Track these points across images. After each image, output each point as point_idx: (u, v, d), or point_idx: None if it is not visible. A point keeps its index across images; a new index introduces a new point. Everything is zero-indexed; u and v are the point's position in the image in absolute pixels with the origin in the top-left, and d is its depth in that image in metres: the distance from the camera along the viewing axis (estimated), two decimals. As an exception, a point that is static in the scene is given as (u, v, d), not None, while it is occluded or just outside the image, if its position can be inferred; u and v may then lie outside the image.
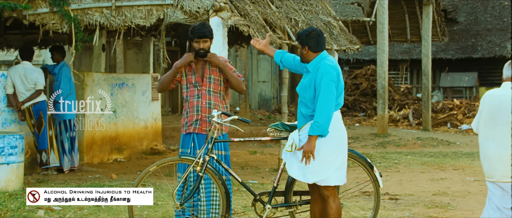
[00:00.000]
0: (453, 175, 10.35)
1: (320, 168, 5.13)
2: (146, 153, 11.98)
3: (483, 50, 25.71)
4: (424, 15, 18.75)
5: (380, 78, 16.89)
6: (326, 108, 5.06)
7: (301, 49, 5.26)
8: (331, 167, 5.14)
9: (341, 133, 5.21)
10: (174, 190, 5.54)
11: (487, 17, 26.53)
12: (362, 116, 23.00)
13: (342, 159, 5.22)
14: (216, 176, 5.46)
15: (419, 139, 15.44)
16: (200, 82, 5.95)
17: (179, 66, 5.91)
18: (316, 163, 5.11)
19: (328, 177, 5.14)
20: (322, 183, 5.15)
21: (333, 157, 5.14)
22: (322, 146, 5.11)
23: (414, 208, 7.53)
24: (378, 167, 11.23)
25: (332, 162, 5.14)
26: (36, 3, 9.54)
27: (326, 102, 5.06)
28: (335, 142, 5.15)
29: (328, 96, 5.06)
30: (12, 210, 6.64)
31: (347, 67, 27.79)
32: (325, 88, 5.06)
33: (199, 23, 5.98)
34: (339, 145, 5.18)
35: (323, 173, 5.13)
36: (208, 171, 5.44)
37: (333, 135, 5.14)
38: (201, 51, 5.90)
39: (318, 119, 5.05)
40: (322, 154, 5.11)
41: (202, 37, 5.86)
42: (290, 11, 10.79)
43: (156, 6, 9.09)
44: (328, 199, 5.19)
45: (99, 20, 9.28)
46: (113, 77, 11.64)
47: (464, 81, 25.60)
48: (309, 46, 5.21)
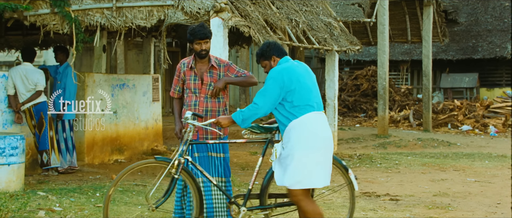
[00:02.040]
0: (454, 176, 10.35)
1: (290, 172, 5.07)
2: (147, 154, 11.98)
3: (483, 51, 25.70)
4: (425, 16, 18.76)
5: (381, 79, 16.89)
6: (257, 106, 5.12)
7: (270, 62, 5.33)
8: (303, 170, 5.05)
9: (311, 137, 5.09)
10: (147, 192, 5.47)
11: (487, 18, 26.53)
12: (363, 117, 23.00)
13: (313, 164, 5.08)
14: (190, 179, 5.40)
15: (420, 140, 15.44)
16: (200, 88, 5.93)
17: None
18: (287, 167, 5.08)
19: (300, 180, 5.04)
20: (292, 186, 5.07)
21: (303, 161, 5.05)
22: (291, 150, 5.06)
23: (415, 209, 7.53)
24: (378, 167, 11.23)
25: (303, 166, 5.04)
26: (37, 4, 9.55)
27: (260, 98, 5.13)
28: (303, 146, 5.05)
29: (265, 93, 5.11)
30: (13, 211, 6.64)
31: (348, 68, 27.79)
32: (266, 85, 5.14)
33: (197, 24, 5.93)
34: (308, 149, 5.07)
35: (293, 177, 5.05)
36: (182, 173, 5.37)
37: (301, 139, 5.06)
38: (202, 53, 5.88)
39: (246, 111, 5.17)
40: (293, 158, 5.05)
41: (203, 38, 5.83)
42: (290, 12, 10.80)
43: (156, 7, 9.09)
44: (297, 204, 5.13)
45: (100, 21, 9.29)
46: (114, 78, 11.64)
47: (465, 82, 25.59)
48: (276, 54, 5.31)
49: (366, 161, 11.98)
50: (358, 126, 20.44)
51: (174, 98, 6.16)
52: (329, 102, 12.47)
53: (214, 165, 5.83)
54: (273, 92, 5.10)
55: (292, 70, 5.17)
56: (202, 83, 5.92)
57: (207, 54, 5.92)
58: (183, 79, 5.99)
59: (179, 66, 6.05)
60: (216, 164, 5.85)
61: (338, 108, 21.20)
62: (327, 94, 12.55)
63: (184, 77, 5.98)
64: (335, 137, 12.53)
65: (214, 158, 5.82)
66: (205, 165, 5.76)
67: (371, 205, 7.71)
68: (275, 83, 5.10)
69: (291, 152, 5.07)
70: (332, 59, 12.35)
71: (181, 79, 6.00)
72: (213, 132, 5.80)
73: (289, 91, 5.09)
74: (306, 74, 5.24)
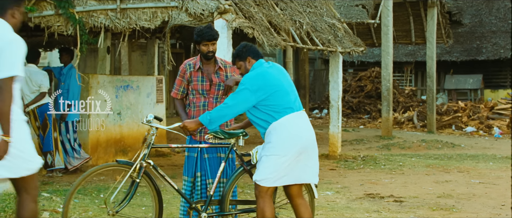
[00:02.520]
0: (458, 177, 10.33)
1: (259, 169, 5.15)
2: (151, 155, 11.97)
3: (488, 52, 25.67)
4: (429, 17, 18.74)
5: (385, 80, 16.87)
6: (227, 106, 5.14)
7: (244, 63, 5.33)
8: (271, 170, 5.09)
9: (292, 137, 5.10)
10: (107, 196, 5.34)
11: (492, 19, 26.50)
12: (367, 118, 22.99)
13: (281, 166, 5.10)
14: (151, 183, 5.35)
15: (424, 141, 15.42)
16: (208, 89, 5.93)
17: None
18: (263, 164, 5.12)
19: (265, 178, 5.10)
20: (258, 182, 5.13)
21: (272, 162, 5.07)
22: (266, 152, 5.11)
23: (419, 211, 7.52)
24: (382, 169, 11.23)
25: (272, 166, 5.08)
26: (41, 6, 9.57)
27: (231, 100, 5.15)
28: (276, 149, 5.08)
29: (237, 96, 5.13)
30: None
31: (352, 69, 27.79)
32: (239, 88, 5.15)
33: (205, 26, 5.92)
34: (286, 149, 5.08)
35: (260, 174, 5.13)
36: (144, 177, 5.31)
37: (277, 142, 5.08)
38: (209, 54, 5.87)
39: (214, 112, 5.18)
40: (266, 158, 5.10)
41: (211, 40, 5.82)
42: (294, 13, 10.80)
43: (161, 8, 9.10)
44: (256, 198, 5.19)
45: (104, 22, 9.30)
46: (118, 79, 11.66)
47: (469, 83, 25.57)
48: (251, 56, 5.32)
49: (370, 162, 11.97)
50: (362, 128, 20.43)
51: (176, 99, 6.15)
52: (333, 104, 12.46)
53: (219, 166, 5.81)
54: (246, 97, 5.12)
55: (266, 75, 5.18)
56: (211, 84, 5.92)
57: (214, 55, 5.92)
58: (189, 80, 5.97)
59: (183, 67, 6.02)
60: (224, 165, 5.85)
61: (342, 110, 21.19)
62: (331, 96, 12.54)
63: (190, 78, 5.95)
64: (338, 139, 12.52)
65: (223, 159, 5.82)
66: (214, 166, 5.76)
67: (375, 207, 7.71)
68: (247, 90, 5.12)
69: (268, 152, 5.11)
70: (336, 60, 12.34)
71: (187, 80, 5.98)
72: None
73: (265, 97, 5.11)
74: (281, 76, 5.25)
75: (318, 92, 28.02)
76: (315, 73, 28.54)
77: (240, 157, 5.51)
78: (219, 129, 5.43)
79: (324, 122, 21.20)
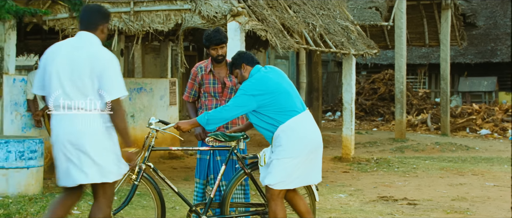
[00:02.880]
0: (472, 180, 10.27)
1: (271, 173, 5.11)
2: (164, 157, 12.02)
3: (502, 55, 25.52)
4: (443, 19, 18.65)
5: (398, 82, 16.82)
6: (227, 109, 5.13)
7: (240, 71, 5.32)
8: (283, 173, 5.08)
9: (301, 139, 5.11)
10: None
11: (506, 21, 26.32)
12: (380, 120, 22.92)
13: (293, 168, 5.11)
14: (151, 185, 5.34)
15: (438, 144, 15.35)
16: (220, 92, 5.94)
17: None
18: (270, 168, 5.12)
19: (279, 182, 5.09)
20: (273, 186, 5.11)
21: (285, 165, 5.08)
22: (278, 155, 5.09)
23: (433, 213, 7.48)
24: (396, 172, 11.18)
25: (284, 169, 5.08)
26: (55, 9, 9.63)
27: (232, 102, 5.14)
28: (288, 151, 5.08)
29: (238, 100, 5.12)
30: (32, 214, 6.70)
31: (365, 71, 27.72)
32: (239, 92, 5.14)
33: (212, 30, 5.90)
34: (294, 154, 5.09)
35: (273, 178, 5.09)
36: (143, 180, 5.31)
37: (288, 145, 5.08)
38: (219, 58, 5.88)
39: (213, 113, 5.15)
40: (278, 162, 5.09)
41: (219, 43, 5.83)
42: (307, 16, 10.79)
43: (174, 11, 9.13)
44: (270, 202, 5.17)
45: (117, 25, 9.35)
46: (131, 81, 11.71)
47: (483, 85, 25.42)
48: (246, 62, 5.29)
49: (383, 165, 11.93)
50: (375, 130, 20.36)
51: (188, 102, 6.16)
52: (346, 106, 12.44)
53: (234, 168, 5.82)
54: (245, 102, 5.12)
55: (265, 79, 5.18)
56: (224, 87, 5.92)
57: (224, 59, 5.92)
58: (201, 83, 5.98)
59: (195, 70, 6.03)
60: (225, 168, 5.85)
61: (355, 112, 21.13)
62: (344, 98, 12.52)
63: (202, 81, 5.96)
64: (352, 141, 12.50)
65: (235, 161, 5.82)
66: (227, 168, 5.77)
67: (388, 210, 7.68)
68: (246, 96, 5.12)
69: (280, 155, 5.10)
70: (349, 62, 12.32)
71: (198, 82, 5.99)
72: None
73: (268, 102, 5.11)
74: (280, 79, 5.25)
75: (331, 94, 27.98)
76: (328, 76, 28.50)
77: (241, 160, 5.50)
78: (219, 132, 5.43)
79: (337, 125, 21.16)
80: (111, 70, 4.37)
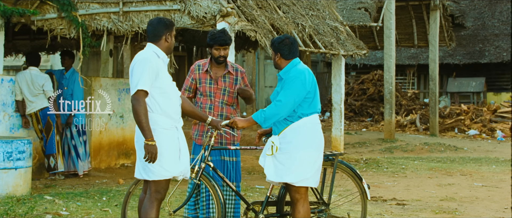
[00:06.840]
0: (461, 180, 10.32)
1: (298, 169, 5.08)
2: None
3: (490, 55, 25.64)
4: (431, 20, 18.73)
5: (387, 83, 16.87)
6: (281, 103, 5.03)
7: (274, 56, 5.27)
8: (311, 169, 5.11)
9: (319, 137, 5.18)
10: (168, 198, 5.39)
11: (494, 22, 26.47)
12: (369, 121, 22.98)
13: (319, 163, 5.21)
14: (211, 184, 5.34)
15: (426, 144, 15.40)
16: (215, 92, 5.92)
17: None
18: (294, 164, 5.08)
19: (308, 178, 5.11)
20: (299, 184, 5.10)
21: (313, 159, 5.11)
22: (302, 148, 5.08)
23: (422, 214, 7.51)
24: (385, 172, 11.21)
25: (313, 164, 5.11)
26: (44, 9, 9.59)
27: (285, 97, 5.04)
28: (314, 145, 5.12)
29: (289, 92, 5.04)
30: (20, 215, 6.66)
31: (354, 72, 27.78)
32: (290, 84, 5.06)
33: (219, 30, 5.90)
34: (318, 149, 5.15)
35: (301, 174, 5.08)
36: (203, 178, 5.34)
37: (312, 138, 5.11)
38: (220, 59, 5.87)
39: (268, 110, 5.07)
40: (301, 156, 5.07)
41: (223, 44, 5.82)
42: (297, 16, 10.81)
43: (163, 11, 9.12)
44: (297, 202, 5.15)
45: (106, 26, 9.32)
46: (120, 82, 11.67)
47: (472, 86, 25.54)
48: (281, 53, 5.21)
49: (372, 165, 11.96)
50: (365, 131, 20.42)
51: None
52: (336, 107, 12.45)
53: (226, 169, 5.82)
54: (299, 91, 5.07)
55: (311, 73, 5.21)
56: (217, 88, 5.92)
57: (225, 60, 5.91)
58: (197, 80, 5.97)
59: (193, 68, 6.04)
60: (229, 168, 5.84)
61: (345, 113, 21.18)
62: (333, 99, 12.53)
63: (198, 79, 5.96)
64: (341, 142, 12.51)
65: (227, 162, 5.81)
66: (230, 168, 5.76)
67: (377, 210, 7.70)
68: (300, 83, 5.07)
69: (299, 150, 5.08)
70: (339, 63, 12.34)
71: (195, 80, 5.98)
72: (227, 138, 5.78)
73: (308, 93, 5.12)
74: (314, 78, 5.32)
75: (320, 95, 28.03)
76: (318, 76, 28.54)
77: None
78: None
79: (327, 125, 21.19)
80: (133, 69, 4.80)
